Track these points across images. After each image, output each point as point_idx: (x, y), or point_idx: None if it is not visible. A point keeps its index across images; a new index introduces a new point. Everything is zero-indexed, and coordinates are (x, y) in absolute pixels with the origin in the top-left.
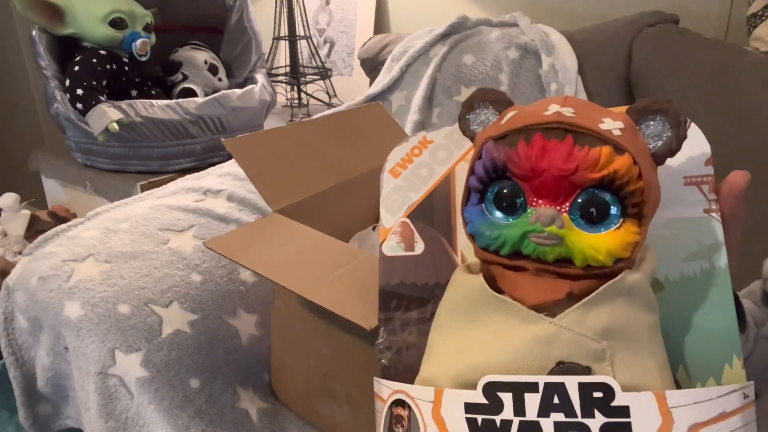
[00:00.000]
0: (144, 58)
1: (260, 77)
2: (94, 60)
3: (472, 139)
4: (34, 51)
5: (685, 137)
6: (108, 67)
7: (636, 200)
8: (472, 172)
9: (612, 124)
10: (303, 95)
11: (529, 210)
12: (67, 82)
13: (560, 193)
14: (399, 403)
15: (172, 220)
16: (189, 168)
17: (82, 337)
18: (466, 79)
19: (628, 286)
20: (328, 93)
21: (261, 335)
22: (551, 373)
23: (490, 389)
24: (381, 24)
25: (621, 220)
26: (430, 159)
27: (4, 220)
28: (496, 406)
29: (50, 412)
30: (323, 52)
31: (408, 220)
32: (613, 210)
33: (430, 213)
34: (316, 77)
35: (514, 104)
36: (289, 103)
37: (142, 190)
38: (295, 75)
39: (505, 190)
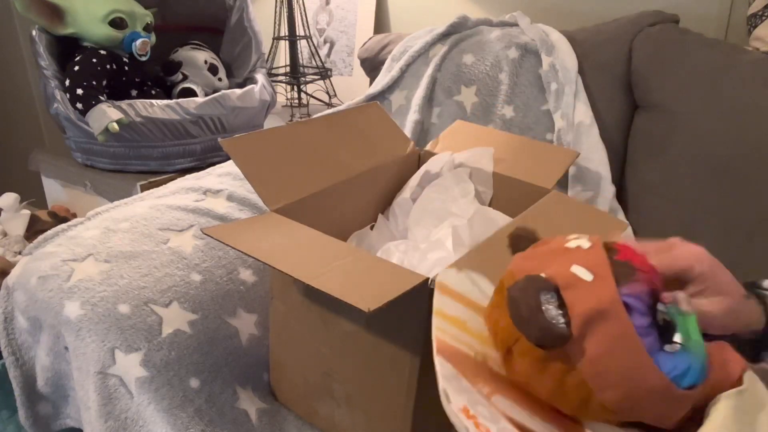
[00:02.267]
0: (144, 58)
1: (260, 77)
2: (94, 60)
3: (567, 335)
4: (34, 51)
5: None
6: (108, 67)
7: None
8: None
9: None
10: (303, 95)
11: (662, 308)
12: (67, 82)
13: None
14: None
15: (172, 219)
16: (189, 168)
17: (82, 336)
18: (466, 79)
19: None
20: (328, 93)
21: (261, 335)
22: None
23: None
24: (381, 24)
25: None
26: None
27: (4, 220)
28: None
29: (50, 412)
30: (323, 52)
31: None
32: None
33: None
34: (316, 77)
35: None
36: (289, 103)
37: (142, 190)
38: (295, 75)
39: (660, 308)
